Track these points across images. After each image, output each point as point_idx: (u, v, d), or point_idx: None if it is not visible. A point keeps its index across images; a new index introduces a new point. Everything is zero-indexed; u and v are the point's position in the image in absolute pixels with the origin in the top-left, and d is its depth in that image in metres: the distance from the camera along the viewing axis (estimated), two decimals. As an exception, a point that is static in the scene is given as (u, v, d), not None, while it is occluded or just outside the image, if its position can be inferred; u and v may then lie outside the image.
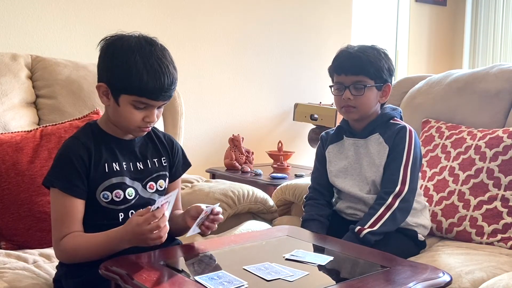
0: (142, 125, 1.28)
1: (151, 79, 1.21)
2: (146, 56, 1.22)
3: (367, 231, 1.52)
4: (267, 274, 1.12)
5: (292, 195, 2.03)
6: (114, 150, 1.31)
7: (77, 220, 1.25)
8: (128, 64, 1.22)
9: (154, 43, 1.27)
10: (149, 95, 1.23)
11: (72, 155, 1.26)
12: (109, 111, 1.31)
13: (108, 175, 1.28)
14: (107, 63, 1.27)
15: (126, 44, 1.24)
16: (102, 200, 1.28)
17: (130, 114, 1.26)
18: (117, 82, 1.24)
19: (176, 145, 1.44)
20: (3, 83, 1.82)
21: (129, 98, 1.24)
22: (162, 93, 1.24)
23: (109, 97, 1.27)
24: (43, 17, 2.38)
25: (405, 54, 3.99)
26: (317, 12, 3.36)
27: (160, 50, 1.26)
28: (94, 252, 1.22)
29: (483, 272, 1.41)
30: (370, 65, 1.60)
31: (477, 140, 1.82)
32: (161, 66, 1.23)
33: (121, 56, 1.23)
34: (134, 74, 1.21)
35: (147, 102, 1.25)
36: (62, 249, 1.25)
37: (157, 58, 1.23)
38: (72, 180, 1.25)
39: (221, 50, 2.98)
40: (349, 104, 1.62)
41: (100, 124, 1.34)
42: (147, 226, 1.14)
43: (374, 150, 1.65)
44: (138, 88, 1.22)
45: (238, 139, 2.84)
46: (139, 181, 1.33)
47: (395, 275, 1.17)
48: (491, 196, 1.72)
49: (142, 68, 1.21)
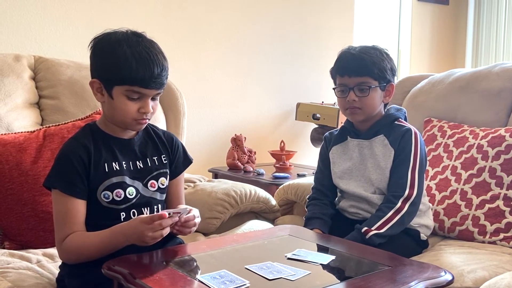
0: (138, 117, 1.28)
1: (140, 67, 1.23)
2: (133, 46, 1.24)
3: (373, 233, 1.52)
4: (269, 273, 1.13)
5: (294, 194, 2.03)
6: (113, 150, 1.32)
7: (78, 220, 1.26)
8: (116, 55, 1.23)
9: (141, 35, 1.29)
10: (141, 83, 1.24)
11: (72, 156, 1.26)
12: (105, 108, 1.31)
13: (108, 175, 1.29)
14: (97, 59, 1.29)
15: (114, 38, 1.26)
16: (103, 200, 1.29)
17: (125, 106, 1.26)
18: (108, 74, 1.26)
19: (176, 141, 1.44)
20: (7, 83, 1.83)
21: (121, 89, 1.25)
22: (153, 80, 1.24)
23: (103, 92, 1.28)
24: (45, 18, 2.38)
25: (407, 53, 3.99)
26: (319, 12, 3.36)
27: (147, 41, 1.28)
28: (97, 250, 1.23)
29: (485, 271, 1.41)
30: (373, 66, 1.60)
31: (479, 139, 1.82)
32: (150, 54, 1.24)
33: (109, 49, 1.25)
34: (123, 64, 1.22)
35: (140, 91, 1.25)
36: (66, 249, 1.25)
37: (145, 47, 1.25)
38: (72, 181, 1.25)
39: (223, 50, 2.99)
40: (354, 106, 1.62)
41: (99, 125, 1.34)
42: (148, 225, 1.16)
43: (379, 152, 1.65)
44: (129, 77, 1.23)
45: (240, 139, 2.84)
46: (139, 180, 1.33)
47: (397, 274, 1.17)
48: (494, 195, 1.72)
49: (131, 57, 1.23)
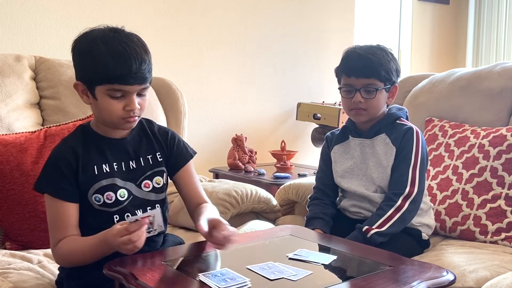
0: (125, 115, 1.24)
1: (117, 63, 1.18)
2: (109, 42, 1.20)
3: (374, 231, 1.52)
4: (271, 273, 1.12)
5: (295, 194, 2.03)
6: (104, 152, 1.29)
7: (70, 224, 1.24)
8: (92, 54, 1.20)
9: (118, 30, 1.24)
10: (120, 80, 1.20)
11: (59, 159, 1.25)
12: (93, 110, 1.29)
13: (97, 178, 1.26)
14: (76, 60, 1.26)
15: (90, 36, 1.23)
16: (94, 203, 1.26)
17: (110, 106, 1.22)
18: (87, 75, 1.23)
19: (172, 135, 1.38)
20: (7, 84, 1.83)
21: (103, 89, 1.22)
22: (132, 75, 1.19)
23: (88, 94, 1.25)
24: (46, 18, 2.38)
25: (408, 53, 3.99)
26: (320, 11, 3.36)
27: (125, 35, 1.23)
28: (88, 255, 1.20)
29: (487, 271, 1.41)
30: (381, 68, 1.58)
31: (480, 138, 1.82)
32: (126, 48, 1.19)
33: (86, 49, 1.22)
34: (99, 62, 1.19)
35: (121, 88, 1.21)
36: (59, 254, 1.24)
37: (121, 42, 1.20)
38: (60, 184, 1.24)
39: (224, 50, 2.99)
40: (360, 107, 1.61)
41: (92, 126, 1.32)
42: (119, 238, 1.12)
43: (380, 150, 1.64)
44: (106, 75, 1.20)
45: (241, 139, 2.84)
46: (132, 181, 1.30)
47: (399, 274, 1.17)
48: (495, 195, 1.71)
49: (106, 54, 1.19)
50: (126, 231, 1.11)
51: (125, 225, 1.12)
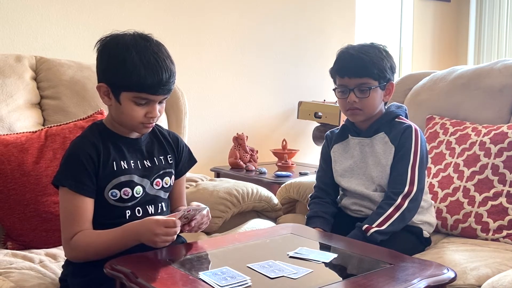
0: (145, 121, 1.29)
1: (149, 74, 1.22)
2: (142, 52, 1.23)
3: (374, 230, 1.52)
4: (271, 271, 1.13)
5: (296, 193, 2.03)
6: (121, 149, 1.32)
7: (86, 218, 1.26)
8: (124, 61, 1.22)
9: (149, 39, 1.27)
10: (148, 90, 1.24)
11: (81, 154, 1.27)
12: (112, 111, 1.32)
13: (116, 174, 1.29)
14: (104, 63, 1.28)
15: (121, 42, 1.25)
16: (110, 198, 1.29)
17: (132, 111, 1.26)
18: (116, 80, 1.25)
19: (181, 142, 1.45)
20: (8, 84, 1.83)
21: (129, 95, 1.25)
22: (161, 87, 1.24)
23: (110, 96, 1.28)
24: (47, 18, 2.39)
25: (409, 51, 3.98)
26: (320, 10, 3.36)
27: (155, 45, 1.26)
28: (106, 248, 1.23)
29: (488, 268, 1.41)
30: (373, 66, 1.59)
31: (481, 136, 1.82)
32: (158, 60, 1.23)
33: (117, 54, 1.24)
34: (131, 70, 1.22)
35: (147, 97, 1.25)
36: (74, 247, 1.25)
37: (153, 53, 1.24)
38: (81, 179, 1.25)
39: (225, 48, 2.99)
40: (355, 107, 1.62)
41: (106, 124, 1.34)
42: (163, 228, 1.18)
43: (380, 149, 1.64)
44: (137, 84, 1.23)
45: (242, 138, 2.84)
46: (148, 178, 1.34)
47: (400, 272, 1.17)
48: (496, 192, 1.71)
49: (139, 63, 1.22)
50: (173, 225, 1.18)
51: (172, 218, 1.19)
